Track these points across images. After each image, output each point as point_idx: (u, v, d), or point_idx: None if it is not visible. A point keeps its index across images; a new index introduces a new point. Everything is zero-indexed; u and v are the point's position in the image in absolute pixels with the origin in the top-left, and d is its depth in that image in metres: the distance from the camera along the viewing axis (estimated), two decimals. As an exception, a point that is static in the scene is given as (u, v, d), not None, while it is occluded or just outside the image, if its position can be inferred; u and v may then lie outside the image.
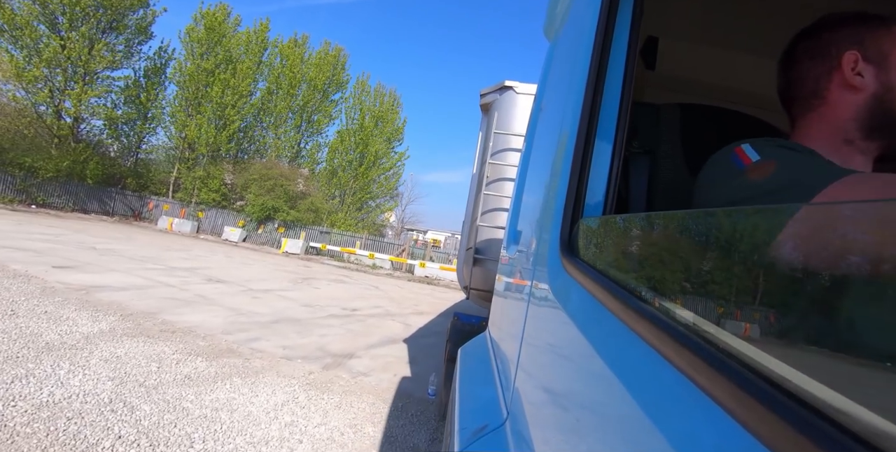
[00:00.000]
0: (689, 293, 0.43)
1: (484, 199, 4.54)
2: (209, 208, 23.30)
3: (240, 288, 8.95)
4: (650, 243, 0.54)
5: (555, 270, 0.87)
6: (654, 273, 0.52)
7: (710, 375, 0.33)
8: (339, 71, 26.88)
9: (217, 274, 10.34)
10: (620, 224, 0.67)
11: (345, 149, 26.24)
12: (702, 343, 0.36)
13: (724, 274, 0.38)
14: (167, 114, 24.51)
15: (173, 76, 24.06)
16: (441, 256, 22.56)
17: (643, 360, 0.45)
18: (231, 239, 21.68)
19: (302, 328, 6.56)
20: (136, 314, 5.78)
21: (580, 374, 0.67)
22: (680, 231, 0.49)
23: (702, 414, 0.34)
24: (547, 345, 0.89)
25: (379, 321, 8.16)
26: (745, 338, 0.33)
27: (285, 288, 10.21)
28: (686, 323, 0.40)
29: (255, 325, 6.27)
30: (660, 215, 0.55)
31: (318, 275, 14.15)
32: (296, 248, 20.78)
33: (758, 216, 0.36)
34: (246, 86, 24.07)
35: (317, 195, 23.90)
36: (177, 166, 24.49)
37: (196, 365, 4.35)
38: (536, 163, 1.55)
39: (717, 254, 0.39)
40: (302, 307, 8.20)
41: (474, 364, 1.82)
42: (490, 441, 0.99)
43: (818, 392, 0.25)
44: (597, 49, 0.91)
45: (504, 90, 4.78)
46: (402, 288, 14.83)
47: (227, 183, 24.33)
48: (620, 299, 0.52)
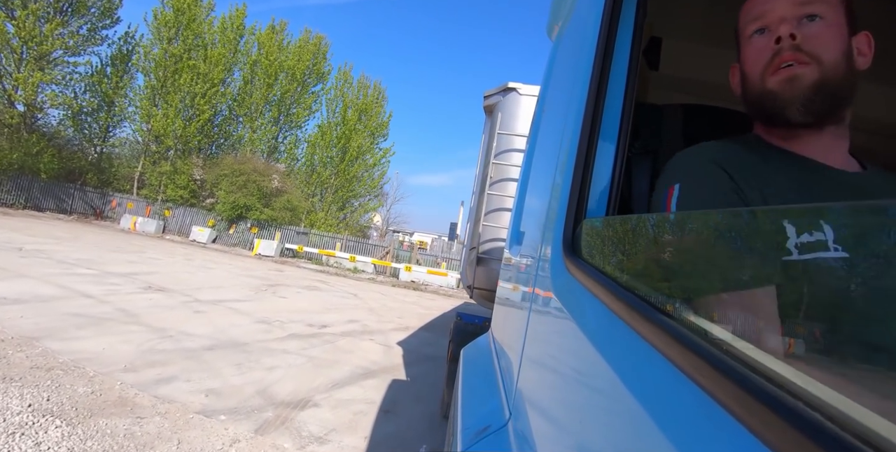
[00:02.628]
0: (692, 294, 0.44)
1: (488, 199, 4.55)
2: (177, 206, 21.37)
3: (182, 299, 7.27)
4: (653, 244, 0.55)
5: (557, 271, 0.88)
6: (656, 274, 0.52)
7: (712, 376, 0.33)
8: (321, 60, 25.11)
9: (161, 280, 8.64)
10: (624, 225, 0.66)
11: (325, 143, 24.44)
12: (704, 344, 0.36)
13: (727, 274, 0.39)
14: (130, 104, 22.58)
15: (138, 62, 22.16)
16: (429, 259, 20.95)
17: (646, 361, 0.44)
18: (199, 239, 19.83)
19: (245, 357, 4.92)
20: (7, 340, 4.13)
21: (583, 375, 0.66)
22: (683, 232, 0.49)
23: (705, 416, 0.34)
24: (550, 346, 0.90)
25: (352, 342, 6.54)
26: (749, 339, 0.33)
27: (243, 297, 8.54)
28: (689, 323, 0.41)
29: (180, 355, 4.63)
30: (663, 216, 0.59)
31: (289, 281, 12.46)
32: (270, 250, 19.01)
33: (760, 217, 0.36)
34: (218, 73, 22.17)
35: (294, 192, 22.07)
36: (142, 161, 22.54)
37: (45, 436, 2.73)
38: (539, 164, 1.59)
39: (720, 255, 0.40)
40: (255, 324, 6.55)
41: (477, 364, 1.85)
42: (493, 441, 0.99)
43: (822, 394, 0.25)
44: (600, 49, 0.91)
45: (507, 92, 4.79)
46: (384, 296, 13.20)
47: (197, 179, 22.43)
48: (623, 300, 0.52)
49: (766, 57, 0.81)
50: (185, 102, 21.85)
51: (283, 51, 24.04)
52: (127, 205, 21.65)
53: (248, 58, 23.83)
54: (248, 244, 20.41)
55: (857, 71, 0.80)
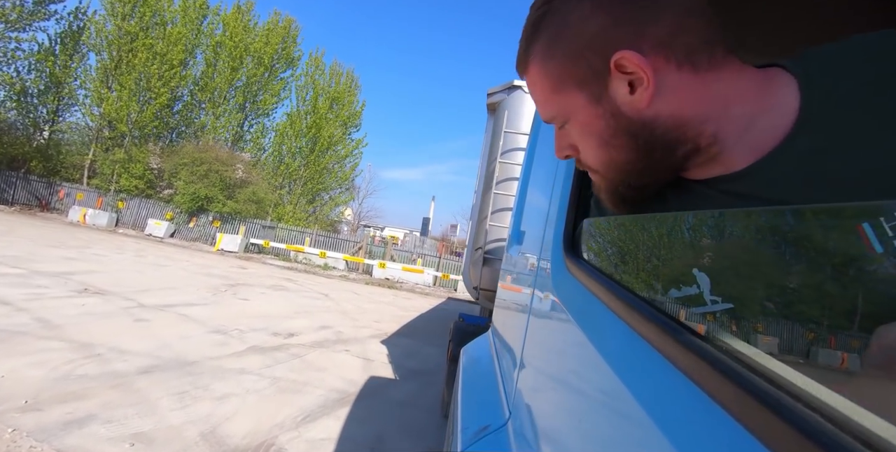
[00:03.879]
0: (692, 293, 0.43)
1: (494, 198, 4.54)
2: (131, 197, 19.76)
3: (122, 304, 6.20)
4: (653, 244, 0.54)
5: (558, 270, 0.88)
6: (656, 274, 0.52)
7: (712, 376, 0.33)
8: (290, 45, 23.73)
9: (102, 281, 7.50)
10: (624, 225, 0.66)
11: (295, 133, 23.12)
12: (704, 344, 0.36)
13: (727, 274, 0.39)
14: (80, 86, 20.79)
15: (89, 40, 20.38)
16: (403, 255, 20.02)
17: (646, 361, 0.44)
18: (156, 234, 18.37)
19: (191, 382, 3.96)
20: None
21: (583, 375, 0.66)
22: (682, 231, 0.49)
23: (704, 416, 0.34)
24: (549, 346, 0.90)
25: (325, 355, 5.62)
26: (749, 339, 0.33)
27: (197, 300, 7.48)
28: (688, 323, 0.41)
29: (105, 382, 3.65)
30: (663, 216, 0.56)
31: (254, 280, 11.37)
32: (233, 245, 17.74)
33: (759, 216, 0.36)
34: (178, 53, 20.55)
35: (260, 184, 20.73)
36: (93, 148, 20.80)
37: None
38: (540, 163, 1.59)
39: (720, 255, 0.41)
40: (209, 335, 5.55)
41: (477, 364, 1.83)
42: (492, 441, 0.98)
43: (822, 395, 0.25)
44: None
45: (512, 89, 4.78)
46: (357, 295, 12.24)
47: (154, 168, 20.84)
48: (623, 299, 0.52)
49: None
50: (140, 84, 20.21)
51: (250, 32, 22.58)
52: (76, 195, 19.94)
53: (211, 39, 22.29)
54: (209, 239, 19.06)
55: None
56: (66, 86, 20.87)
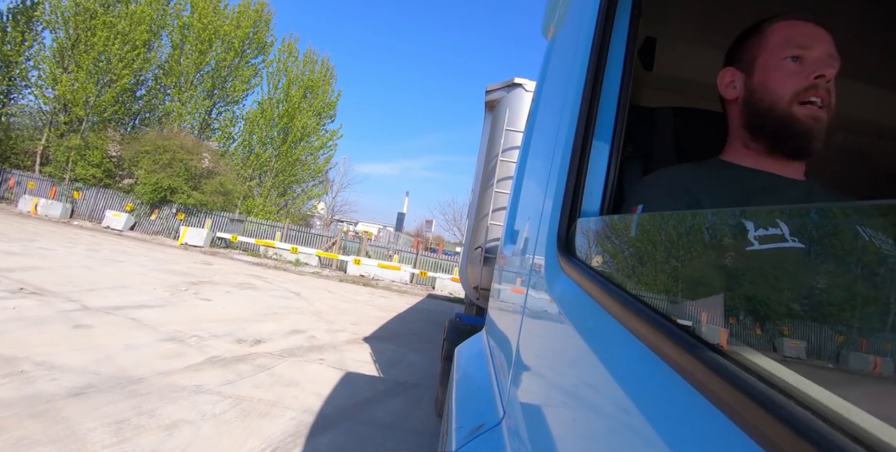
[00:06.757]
0: (684, 292, 0.44)
1: (494, 197, 4.47)
2: (88, 187, 18.42)
3: (63, 307, 5.41)
4: (646, 243, 0.55)
5: (551, 269, 0.87)
6: (649, 273, 0.52)
7: (705, 374, 0.33)
8: (263, 29, 22.56)
9: (44, 278, 6.65)
10: (617, 224, 0.67)
11: (266, 122, 22.02)
12: (697, 342, 0.36)
13: (719, 273, 0.39)
14: (34, 66, 19.33)
15: (42, 16, 18.92)
16: (378, 251, 19.33)
17: (639, 359, 0.44)
18: (114, 226, 17.19)
19: (134, 406, 3.28)
20: None
21: (576, 373, 0.66)
22: (675, 231, 0.49)
23: (697, 414, 0.33)
24: (543, 345, 0.90)
25: (296, 367, 4.97)
26: (742, 338, 0.34)
27: (153, 301, 6.71)
28: (681, 322, 0.41)
29: (23, 409, 2.95)
30: (656, 216, 0.58)
31: (218, 277, 10.56)
32: (198, 239, 16.71)
33: (754, 216, 0.36)
34: (141, 34, 19.24)
35: (228, 174, 19.64)
36: (46, 133, 19.37)
37: None
38: (534, 163, 1.57)
39: (712, 254, 0.40)
40: (161, 343, 4.83)
41: (471, 363, 1.82)
42: (486, 440, 0.98)
43: (815, 393, 0.26)
44: (595, 49, 0.91)
45: (513, 87, 4.72)
46: (332, 294, 11.55)
47: (113, 156, 19.54)
48: (616, 298, 0.52)
49: (799, 84, 0.85)
50: (99, 65, 18.85)
51: (220, 14, 21.32)
52: (27, 184, 18.52)
53: (178, 20, 21.03)
54: (173, 232, 17.98)
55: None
56: (17, 66, 19.38)
